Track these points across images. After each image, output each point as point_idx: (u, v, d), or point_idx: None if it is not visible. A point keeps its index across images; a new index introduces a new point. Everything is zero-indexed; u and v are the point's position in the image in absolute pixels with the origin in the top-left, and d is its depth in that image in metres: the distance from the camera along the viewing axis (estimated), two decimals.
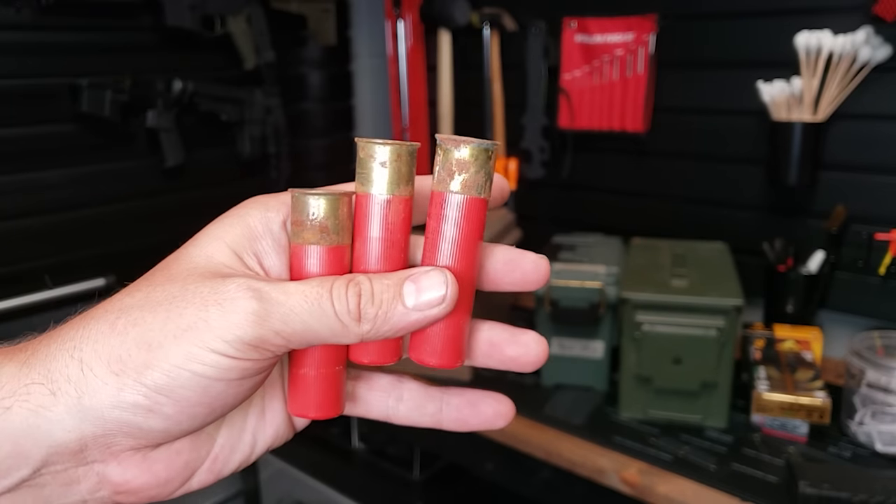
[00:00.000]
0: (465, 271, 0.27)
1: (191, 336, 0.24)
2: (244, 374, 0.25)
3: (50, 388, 0.24)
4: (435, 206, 0.27)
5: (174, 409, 0.24)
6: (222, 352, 0.24)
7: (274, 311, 0.24)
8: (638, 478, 0.93)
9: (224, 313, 0.24)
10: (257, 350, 0.24)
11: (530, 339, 0.29)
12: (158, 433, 0.25)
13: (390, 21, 1.65)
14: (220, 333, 0.24)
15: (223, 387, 0.25)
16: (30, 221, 1.24)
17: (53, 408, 0.24)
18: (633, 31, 1.34)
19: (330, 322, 0.25)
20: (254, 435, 0.30)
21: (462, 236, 0.27)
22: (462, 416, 0.31)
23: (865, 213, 1.14)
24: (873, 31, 1.07)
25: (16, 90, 1.19)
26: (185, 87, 1.35)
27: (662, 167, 1.37)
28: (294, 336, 0.25)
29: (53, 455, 0.24)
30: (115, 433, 0.24)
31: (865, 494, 0.80)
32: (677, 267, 1.09)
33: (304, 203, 0.26)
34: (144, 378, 0.24)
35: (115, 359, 0.24)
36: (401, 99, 1.68)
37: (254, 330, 0.24)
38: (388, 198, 0.27)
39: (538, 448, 1.03)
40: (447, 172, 0.27)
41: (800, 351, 1.09)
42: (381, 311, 0.26)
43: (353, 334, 0.26)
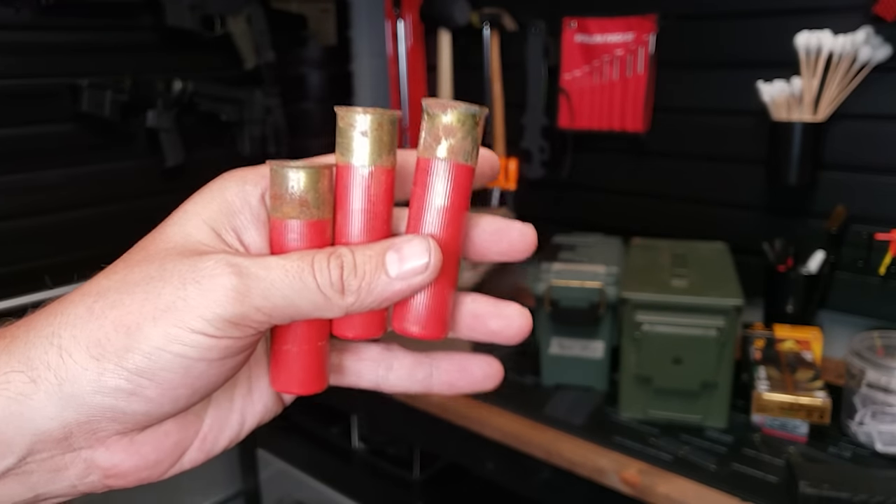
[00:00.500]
0: (450, 240, 0.27)
1: (170, 316, 0.23)
2: (226, 352, 0.24)
3: (30, 376, 0.23)
4: (420, 172, 0.26)
5: (156, 391, 0.24)
6: (202, 331, 0.23)
7: (254, 287, 0.24)
8: (638, 478, 0.93)
9: (203, 291, 0.23)
10: (238, 327, 0.24)
11: (513, 311, 0.29)
12: (142, 416, 0.24)
13: (390, 21, 1.65)
14: (199, 312, 0.23)
15: (205, 367, 0.24)
16: (30, 221, 1.24)
17: (34, 395, 0.23)
18: (633, 31, 1.34)
19: (312, 296, 0.25)
20: (242, 413, 0.29)
21: (448, 204, 0.26)
22: (451, 378, 0.30)
23: (865, 213, 1.14)
24: (873, 31, 1.07)
25: (16, 90, 1.19)
26: (185, 87, 1.35)
27: (662, 167, 1.37)
28: (276, 311, 0.24)
29: (38, 443, 0.24)
30: (98, 419, 0.24)
31: (865, 494, 0.80)
32: (677, 267, 1.09)
33: (283, 176, 0.25)
34: (125, 362, 0.23)
35: (94, 343, 0.23)
36: (401, 99, 1.68)
37: (234, 307, 0.23)
38: (370, 169, 0.26)
39: (538, 448, 1.03)
40: (433, 138, 0.26)
41: (800, 351, 1.09)
42: (365, 282, 0.25)
43: (337, 307, 0.25)
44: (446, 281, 0.27)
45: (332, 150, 0.28)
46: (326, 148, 0.28)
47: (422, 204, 0.26)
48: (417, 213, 0.27)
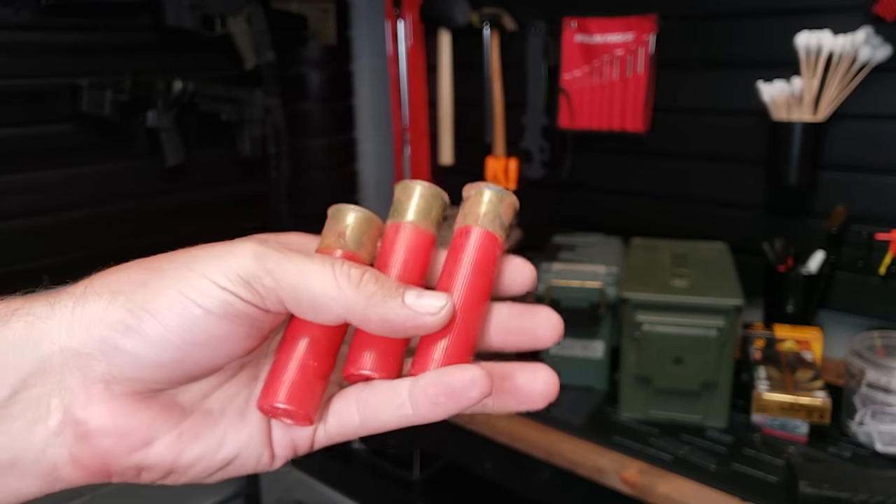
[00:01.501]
0: (472, 302, 0.28)
1: (190, 263, 0.25)
2: (226, 310, 0.25)
3: (50, 302, 0.26)
4: (453, 239, 0.29)
5: (153, 328, 0.25)
6: (213, 278, 0.25)
7: (273, 255, 0.26)
8: (638, 478, 0.93)
9: (227, 250, 0.26)
10: (247, 287, 0.25)
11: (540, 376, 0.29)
12: (130, 358, 0.25)
13: (390, 21, 1.65)
14: (216, 262, 0.25)
15: (203, 320, 0.25)
16: (30, 221, 1.24)
17: (48, 319, 0.25)
18: (633, 31, 1.34)
19: (326, 279, 0.26)
20: (224, 432, 0.29)
21: (474, 268, 0.28)
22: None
23: (865, 213, 1.14)
24: (873, 31, 1.07)
25: (16, 90, 1.19)
26: (185, 87, 1.35)
27: (662, 167, 1.37)
28: (285, 279, 0.25)
29: (35, 374, 0.25)
30: (93, 352, 0.25)
31: (865, 494, 0.80)
32: (677, 267, 1.09)
33: (342, 212, 0.29)
34: (135, 294, 0.25)
35: (118, 281, 0.26)
36: (401, 99, 1.68)
37: (250, 264, 0.25)
38: (413, 226, 0.29)
39: (538, 448, 1.03)
40: (470, 211, 0.29)
41: (800, 351, 1.09)
42: (381, 291, 0.26)
43: (344, 297, 0.26)
44: (465, 333, 0.28)
45: (332, 150, 0.29)
46: (327, 148, 0.29)
47: (453, 264, 0.29)
48: (448, 273, 0.29)
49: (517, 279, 0.30)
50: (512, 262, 0.30)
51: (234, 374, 0.30)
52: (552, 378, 0.29)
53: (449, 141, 1.62)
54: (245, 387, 0.30)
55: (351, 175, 1.85)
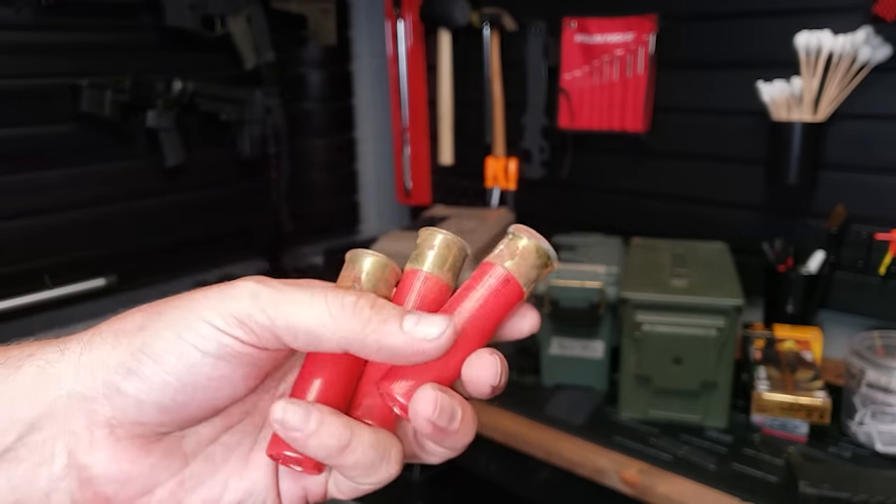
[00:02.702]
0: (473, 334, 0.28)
1: (187, 305, 0.26)
2: (223, 352, 0.25)
3: (61, 348, 0.26)
4: (477, 271, 0.29)
5: (152, 371, 0.25)
6: (209, 320, 0.25)
7: (268, 293, 0.26)
8: (638, 478, 0.93)
9: (224, 291, 0.26)
10: (242, 327, 0.25)
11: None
12: (132, 400, 0.25)
13: (390, 21, 1.65)
14: (212, 304, 0.25)
15: (202, 363, 0.25)
16: (30, 221, 1.24)
17: (57, 364, 0.26)
18: (633, 31, 1.34)
19: (319, 310, 0.25)
20: (227, 478, 0.28)
21: (487, 305, 0.28)
22: None
23: (865, 213, 1.14)
24: (873, 31, 1.07)
25: (16, 90, 1.19)
26: (185, 87, 1.35)
27: (662, 167, 1.37)
28: (279, 317, 0.25)
29: (42, 418, 0.25)
30: (97, 396, 0.25)
31: (865, 494, 0.80)
32: (677, 267, 1.09)
33: (358, 257, 0.29)
34: (136, 338, 0.25)
35: (122, 326, 0.26)
36: (401, 99, 1.68)
37: (245, 304, 0.25)
38: (427, 274, 0.29)
39: (538, 448, 1.03)
40: (507, 251, 0.28)
41: (800, 351, 1.09)
42: (378, 317, 0.26)
43: (341, 327, 0.25)
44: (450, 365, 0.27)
45: (332, 150, 0.29)
46: (327, 148, 0.29)
47: (467, 294, 0.28)
48: (459, 297, 0.28)
49: (519, 324, 0.29)
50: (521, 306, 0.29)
51: (239, 419, 0.29)
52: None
53: (449, 141, 1.62)
54: (249, 433, 0.29)
55: (351, 175, 1.85)
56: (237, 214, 1.57)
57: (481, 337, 0.28)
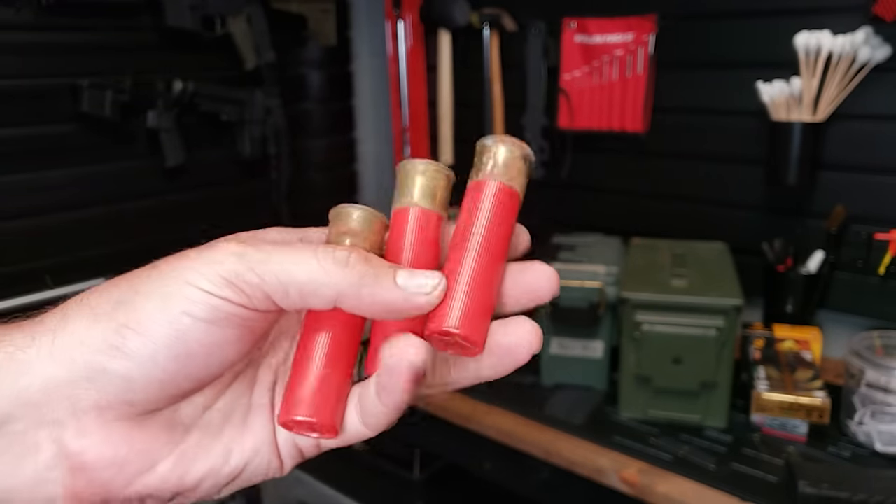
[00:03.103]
0: (490, 259, 0.27)
1: (169, 272, 0.24)
2: (214, 315, 0.24)
3: (31, 334, 0.24)
4: (470, 193, 0.28)
5: (140, 345, 0.24)
6: (196, 283, 0.24)
7: (254, 252, 0.25)
8: (637, 477, 0.94)
9: (206, 253, 0.25)
10: (232, 287, 0.24)
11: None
12: (120, 380, 0.24)
13: (390, 21, 1.65)
14: (196, 267, 0.24)
15: (193, 329, 0.24)
16: (30, 221, 1.24)
17: (28, 349, 0.24)
18: (632, 31, 1.34)
19: (309, 265, 0.25)
20: (228, 444, 0.28)
21: (496, 220, 0.27)
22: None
23: (865, 213, 1.14)
24: (873, 31, 1.07)
25: (16, 90, 1.19)
26: (185, 88, 1.35)
27: (662, 167, 1.38)
28: (268, 274, 0.24)
29: (18, 407, 0.24)
30: (79, 380, 0.24)
31: (865, 494, 0.80)
32: (677, 267, 1.09)
33: (344, 212, 0.28)
34: (117, 313, 0.24)
35: (97, 304, 0.24)
36: (401, 99, 1.68)
37: (231, 265, 0.24)
38: (419, 208, 0.28)
39: (538, 448, 1.03)
40: (486, 164, 0.28)
41: (799, 351, 1.09)
42: (372, 271, 0.25)
43: (333, 280, 0.25)
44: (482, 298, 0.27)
45: (332, 150, 0.28)
46: (327, 148, 0.29)
47: (473, 215, 0.27)
48: (466, 221, 0.27)
49: (519, 238, 0.29)
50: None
51: (230, 382, 0.28)
52: (532, 328, 0.27)
53: (449, 141, 1.62)
54: (243, 394, 0.29)
55: (351, 175, 1.85)
56: (237, 214, 1.57)
57: (501, 254, 0.27)
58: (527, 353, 0.27)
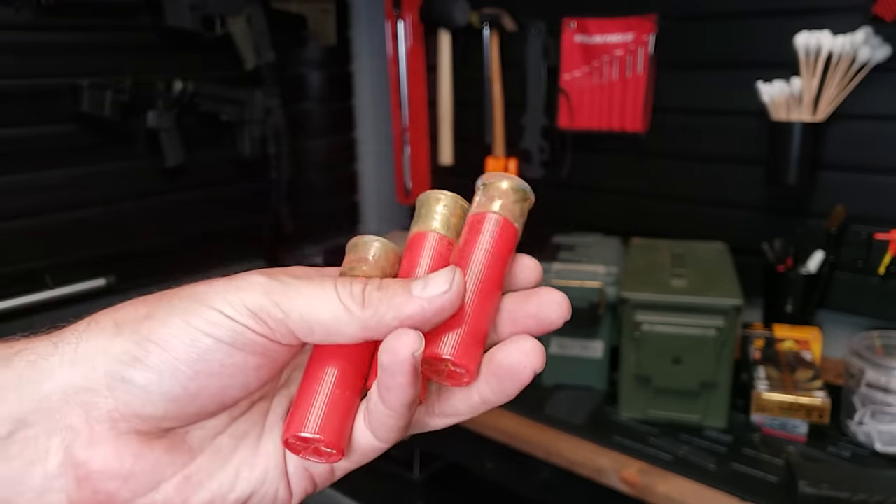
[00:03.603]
0: (486, 288, 0.27)
1: (193, 295, 0.25)
2: (236, 339, 0.24)
3: (54, 342, 0.25)
4: (470, 224, 0.29)
5: (161, 358, 0.24)
6: (220, 309, 0.24)
7: (279, 286, 0.25)
8: (637, 477, 0.94)
9: (232, 283, 0.25)
10: (255, 319, 0.25)
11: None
12: (139, 391, 0.24)
13: (390, 21, 1.65)
14: (222, 294, 0.25)
15: (213, 349, 0.24)
16: (30, 221, 1.24)
17: (51, 357, 0.24)
18: (632, 31, 1.34)
19: (332, 304, 0.25)
20: (238, 468, 0.28)
21: (491, 250, 0.28)
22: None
23: (865, 213, 1.14)
24: (873, 31, 1.07)
25: (16, 90, 1.19)
26: (185, 88, 1.35)
27: (662, 167, 1.38)
28: (293, 311, 0.25)
29: (34, 412, 0.24)
30: (99, 388, 0.24)
31: (865, 494, 0.80)
32: (677, 267, 1.09)
33: (363, 244, 0.29)
34: (141, 326, 0.25)
35: (122, 318, 0.25)
36: (401, 99, 1.68)
37: (257, 297, 0.25)
38: (438, 234, 0.29)
39: (538, 448, 1.03)
40: (488, 198, 0.29)
41: (799, 351, 1.09)
42: (386, 296, 0.25)
43: (356, 318, 0.25)
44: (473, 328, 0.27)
45: (332, 150, 0.29)
46: (327, 148, 0.29)
47: (471, 246, 0.28)
48: (465, 251, 0.28)
49: (523, 274, 0.29)
50: (518, 258, 0.29)
51: (245, 409, 0.28)
52: (531, 346, 0.27)
53: (449, 141, 1.62)
54: (257, 423, 0.29)
55: (351, 175, 1.85)
56: (237, 214, 1.57)
57: (497, 284, 0.28)
58: (530, 373, 0.27)
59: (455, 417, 0.29)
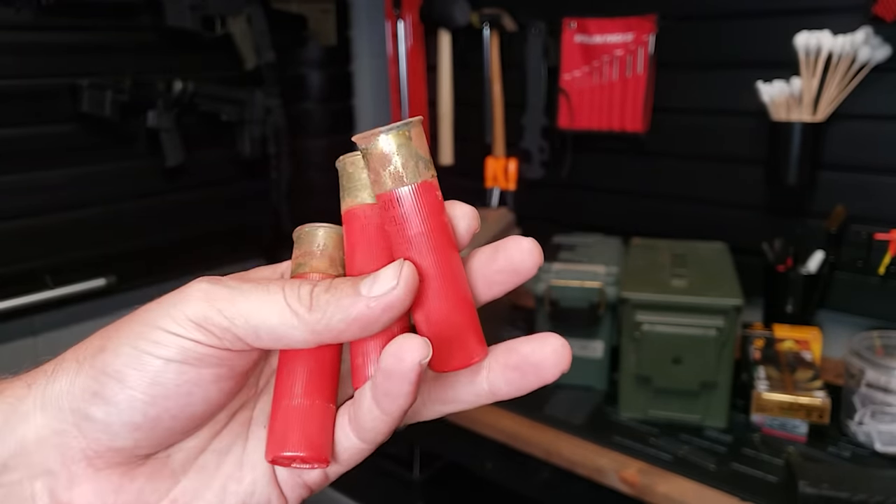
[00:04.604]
0: (438, 263, 0.25)
1: (142, 317, 0.25)
2: (185, 355, 0.24)
3: (27, 382, 0.25)
4: (383, 210, 0.25)
5: (117, 390, 0.24)
6: (166, 328, 0.24)
7: (223, 292, 0.24)
8: (637, 477, 0.94)
9: (175, 297, 0.24)
10: (200, 330, 0.24)
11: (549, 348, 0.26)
12: (102, 425, 0.24)
13: (390, 21, 1.65)
14: (165, 311, 0.24)
15: (164, 370, 0.24)
16: (30, 221, 1.24)
17: (25, 399, 0.25)
18: (632, 31, 1.34)
19: (279, 307, 0.24)
20: (224, 484, 0.27)
21: (422, 229, 0.25)
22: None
23: (865, 213, 1.14)
24: (873, 32, 1.07)
25: (16, 90, 1.19)
26: (185, 88, 1.35)
27: (662, 167, 1.38)
28: (238, 317, 0.24)
29: (15, 457, 0.24)
30: (68, 428, 0.24)
31: (865, 494, 0.80)
32: (677, 267, 1.09)
33: (306, 235, 0.27)
34: (96, 360, 0.24)
35: (83, 353, 0.25)
36: (401, 99, 1.68)
37: (199, 307, 0.24)
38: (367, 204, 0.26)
39: (538, 448, 1.03)
40: (375, 173, 0.25)
41: (799, 351, 1.09)
42: (334, 298, 0.24)
43: (303, 322, 0.24)
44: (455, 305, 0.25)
45: (332, 150, 0.28)
46: (327, 148, 0.28)
47: (398, 239, 0.25)
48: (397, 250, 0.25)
49: (462, 224, 0.27)
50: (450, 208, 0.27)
51: (226, 422, 0.28)
52: (562, 345, 0.25)
53: (449, 141, 1.62)
54: (239, 434, 0.28)
55: None
56: (237, 214, 1.57)
57: (449, 255, 0.25)
58: (557, 374, 0.26)
59: (454, 406, 0.28)
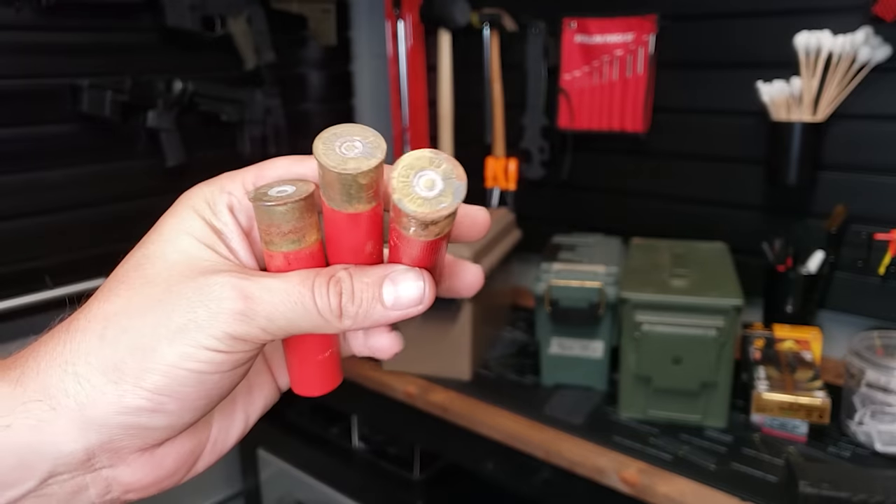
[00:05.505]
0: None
1: (183, 337, 0.25)
2: (236, 364, 0.26)
3: (49, 405, 0.24)
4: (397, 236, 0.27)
5: (176, 405, 0.26)
6: (214, 348, 0.25)
7: (259, 310, 0.25)
8: (637, 477, 0.94)
9: (212, 314, 0.25)
10: (245, 343, 0.26)
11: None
12: (164, 429, 0.26)
13: (390, 21, 1.65)
14: (210, 332, 0.25)
15: (218, 378, 0.26)
16: (30, 221, 1.24)
17: (56, 422, 0.24)
18: (632, 31, 1.34)
19: (312, 318, 0.26)
20: (245, 411, 0.32)
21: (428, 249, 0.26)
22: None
23: (865, 213, 1.14)
24: (873, 32, 1.07)
25: (16, 90, 1.19)
26: (185, 88, 1.35)
27: (662, 167, 1.38)
28: (279, 331, 0.26)
29: (60, 466, 0.25)
30: (121, 437, 0.25)
31: (865, 494, 0.80)
32: (677, 267, 1.09)
33: (270, 212, 0.25)
34: (143, 382, 0.25)
35: (112, 368, 0.25)
36: (401, 99, 1.68)
37: (241, 327, 0.25)
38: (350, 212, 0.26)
39: (538, 448, 1.03)
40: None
41: (799, 351, 1.09)
42: (362, 309, 0.27)
43: (335, 328, 0.27)
44: None
45: None
46: None
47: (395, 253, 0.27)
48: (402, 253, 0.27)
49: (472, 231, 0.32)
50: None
51: None
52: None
53: (449, 141, 1.62)
54: None
55: None
56: None
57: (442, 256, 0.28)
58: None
59: None
